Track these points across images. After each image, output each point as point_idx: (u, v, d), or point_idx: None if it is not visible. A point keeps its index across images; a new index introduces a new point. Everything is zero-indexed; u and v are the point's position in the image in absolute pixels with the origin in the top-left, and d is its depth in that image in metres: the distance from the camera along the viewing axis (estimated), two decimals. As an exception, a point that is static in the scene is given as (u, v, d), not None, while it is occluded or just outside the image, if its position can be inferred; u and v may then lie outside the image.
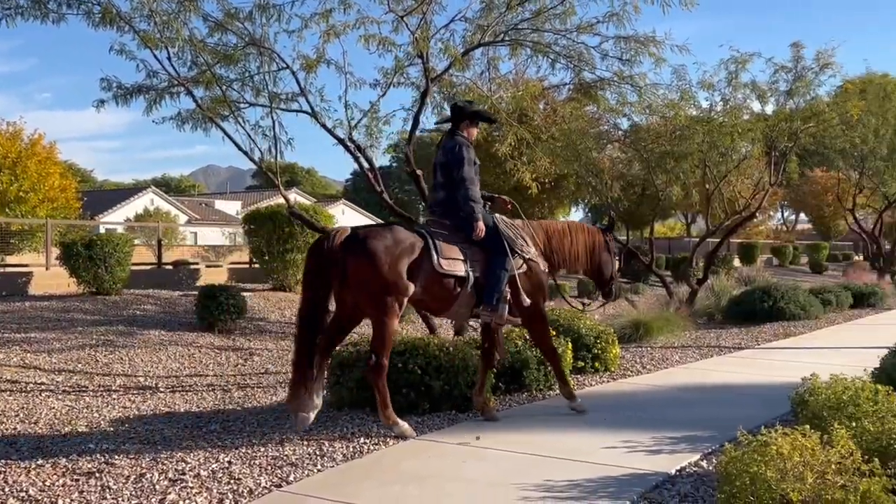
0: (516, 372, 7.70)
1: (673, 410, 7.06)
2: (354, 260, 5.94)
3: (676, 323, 12.64)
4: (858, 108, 16.05)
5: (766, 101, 14.61)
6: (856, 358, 9.31)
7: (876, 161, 25.24)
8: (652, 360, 10.14)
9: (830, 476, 3.82)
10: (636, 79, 10.13)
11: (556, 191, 23.60)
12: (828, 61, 14.26)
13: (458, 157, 6.45)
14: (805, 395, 5.34)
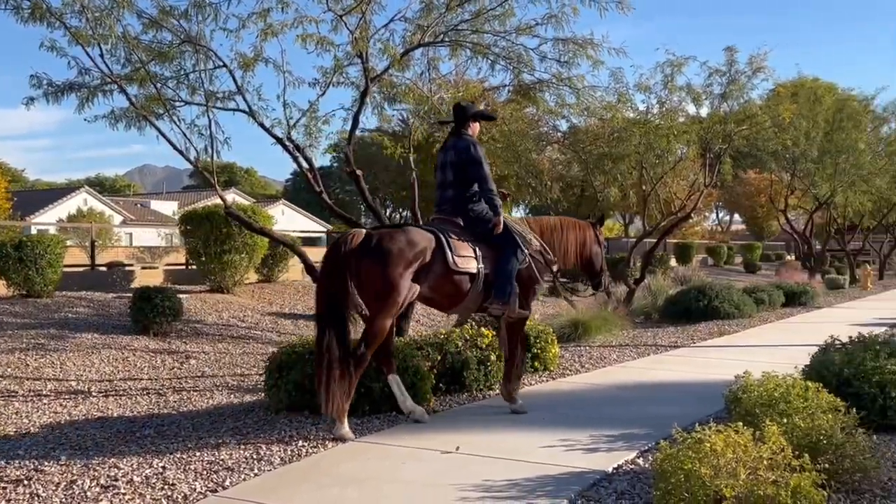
0: (456, 372, 7.71)
1: (611, 409, 7.13)
2: (368, 262, 6.11)
3: (614, 322, 12.80)
4: (790, 111, 16.50)
5: (700, 103, 14.92)
6: (787, 356, 9.55)
7: (807, 163, 25.93)
8: (590, 359, 10.25)
9: (762, 472, 3.90)
10: (574, 81, 10.22)
11: (496, 191, 23.69)
12: (760, 65, 14.62)
13: (474, 156, 6.72)
14: (738, 393, 5.44)
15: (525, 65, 10.04)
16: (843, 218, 33.34)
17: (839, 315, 16.82)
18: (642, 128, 13.92)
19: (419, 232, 6.39)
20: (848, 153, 25.57)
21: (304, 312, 14.46)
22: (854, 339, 7.01)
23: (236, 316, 13.49)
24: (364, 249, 6.14)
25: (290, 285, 16.41)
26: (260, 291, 15.52)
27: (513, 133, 15.75)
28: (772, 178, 32.97)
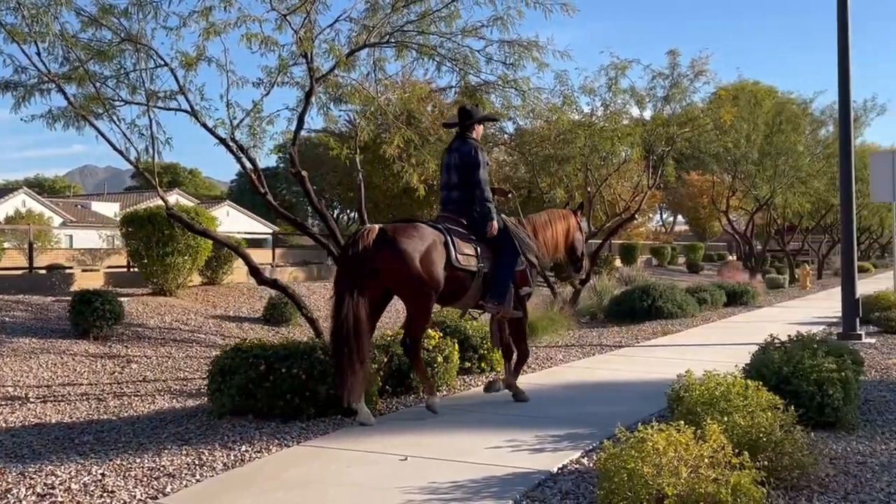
0: (403, 374, 7.68)
1: (557, 408, 7.19)
2: (386, 256, 6.49)
3: (561, 322, 12.89)
4: (731, 114, 16.80)
5: (644, 106, 15.13)
6: (729, 354, 9.73)
7: (747, 165, 26.47)
8: (537, 360, 10.29)
9: (703, 470, 3.95)
10: (520, 83, 10.26)
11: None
12: (702, 69, 14.86)
13: (475, 160, 7.12)
14: (680, 392, 5.52)
15: (471, 66, 10.05)
16: (783, 219, 34.10)
17: (779, 314, 17.20)
18: (587, 130, 14.05)
19: (429, 228, 6.80)
20: (787, 155, 26.20)
21: (249, 315, 14.28)
22: (793, 338, 7.17)
23: (179, 319, 13.27)
24: (381, 245, 6.51)
25: (235, 288, 16.20)
26: (204, 294, 15.29)
27: (460, 134, 15.76)
28: (714, 180, 33.59)
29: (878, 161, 16.22)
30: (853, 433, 6.03)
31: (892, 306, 13.01)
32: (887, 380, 8.56)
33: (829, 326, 14.01)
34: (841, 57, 12.44)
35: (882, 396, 7.57)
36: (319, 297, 16.80)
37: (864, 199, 29.58)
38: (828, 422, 6.06)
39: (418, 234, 6.66)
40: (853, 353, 6.91)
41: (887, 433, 6.10)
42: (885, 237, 50.11)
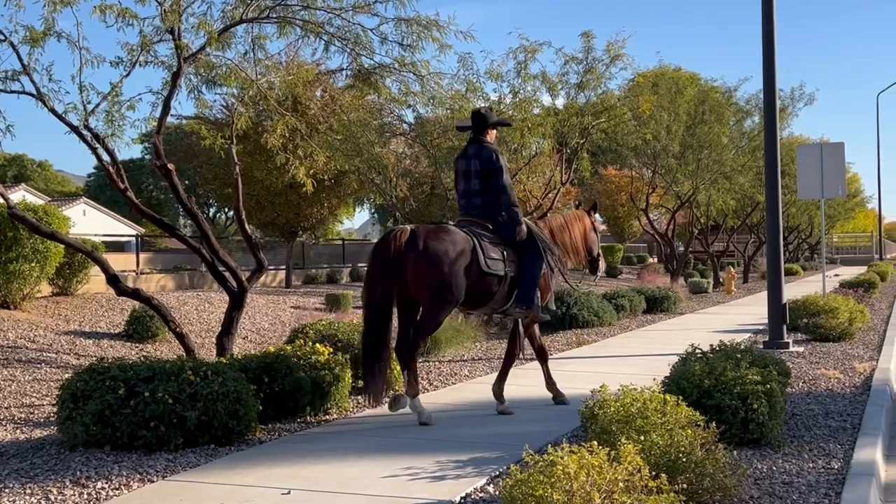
0: (287, 395, 7.58)
1: (461, 430, 7.23)
2: (418, 259, 7.15)
3: (467, 334, 12.94)
4: (650, 102, 17.26)
5: (556, 93, 15.34)
6: (648, 367, 9.98)
7: (668, 158, 27.17)
8: (440, 376, 10.33)
9: (618, 495, 4.03)
10: (419, 66, 10.28)
11: (336, 189, 23.57)
12: (618, 53, 15.17)
13: (498, 166, 7.77)
14: (594, 409, 5.62)
15: (364, 47, 10.01)
16: (707, 217, 35.15)
17: (702, 321, 17.76)
18: (495, 119, 14.15)
19: (459, 232, 7.47)
20: (710, 148, 27.02)
21: (108, 330, 13.85)
22: (715, 347, 7.40)
23: (25, 336, 12.76)
24: (412, 247, 7.17)
25: (92, 299, 15.69)
26: (55, 306, 14.75)
27: (353, 123, 15.69)
28: (632, 175, 34.32)
29: (805, 154, 16.95)
30: (779, 450, 6.26)
31: (821, 312, 13.52)
32: (816, 391, 8.93)
33: (755, 334, 14.55)
34: (766, 41, 12.92)
35: (810, 410, 7.89)
36: (192, 308, 16.47)
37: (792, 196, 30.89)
38: (752, 439, 6.28)
39: (450, 238, 7.33)
40: (779, 364, 7.18)
41: (815, 450, 6.36)
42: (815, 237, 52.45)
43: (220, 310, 14.81)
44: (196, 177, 32.28)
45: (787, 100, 30.00)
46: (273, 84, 11.26)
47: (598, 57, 15.17)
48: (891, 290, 26.78)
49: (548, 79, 14.96)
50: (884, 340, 13.22)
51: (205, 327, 15.04)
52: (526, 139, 14.53)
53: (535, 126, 14.36)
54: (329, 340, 8.86)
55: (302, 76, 11.49)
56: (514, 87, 14.59)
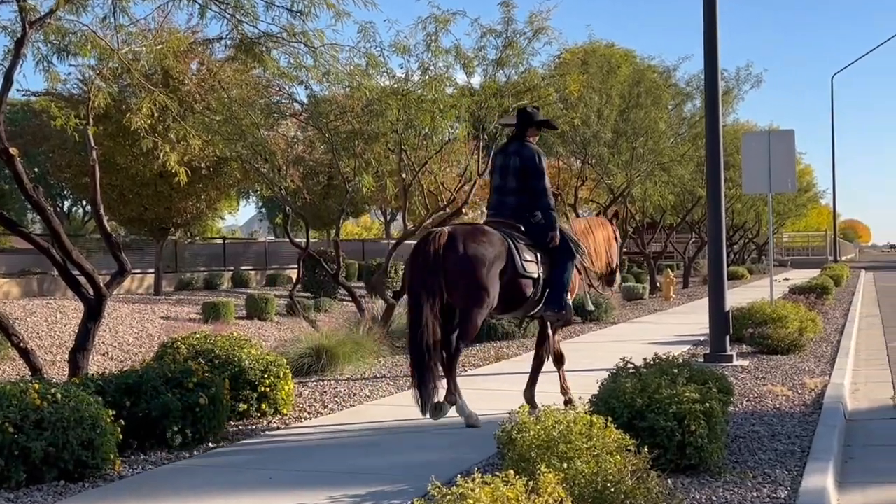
0: (154, 422, 7.43)
1: (360, 459, 7.21)
2: (461, 262, 7.93)
3: (369, 347, 12.91)
4: (579, 82, 17.40)
5: (472, 71, 15.32)
6: (575, 383, 10.04)
7: (599, 147, 27.47)
8: (336, 397, 10.29)
9: (536, 532, 4.05)
10: (311, 36, 10.19)
11: (215, 179, 23.26)
12: (542, 26, 15.20)
13: (539, 167, 8.66)
14: (512, 433, 5.64)
15: (246, 13, 9.88)
16: (643, 214, 35.74)
17: (636, 332, 18.05)
18: (400, 100, 14.09)
19: (496, 234, 8.26)
20: (646, 135, 27.42)
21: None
22: (650, 361, 7.51)
23: None
24: (452, 249, 7.93)
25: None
26: None
27: (235, 102, 15.47)
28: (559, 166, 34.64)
29: (751, 143, 17.34)
30: (720, 478, 6.38)
31: (768, 321, 13.82)
32: (761, 411, 9.15)
33: (695, 346, 14.85)
34: (707, 12, 13.18)
35: (755, 431, 8.08)
36: (41, 318, 16.06)
37: (737, 190, 31.64)
38: (690, 464, 6.38)
39: (487, 240, 8.14)
40: (720, 380, 7.30)
41: (760, 477, 6.49)
42: (763, 236, 53.80)
43: (75, 321, 14.46)
44: (47, 163, 31.47)
45: (731, 81, 30.63)
46: (138, 54, 11.03)
47: (519, 30, 15.19)
48: (846, 295, 27.65)
49: (462, 54, 14.94)
50: (837, 353, 13.61)
51: (56, 342, 14.68)
52: (437, 123, 14.48)
53: (447, 108, 14.32)
54: (204, 357, 8.73)
55: (173, 45, 11.24)
56: (424, 62, 14.54)
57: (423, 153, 16.29)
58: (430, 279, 7.97)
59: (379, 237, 58.84)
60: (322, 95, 15.43)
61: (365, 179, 15.42)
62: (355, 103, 14.65)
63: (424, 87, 14.33)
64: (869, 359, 14.25)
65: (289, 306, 20.80)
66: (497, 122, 11.57)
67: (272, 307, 20.97)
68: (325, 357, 12.01)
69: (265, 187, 19.13)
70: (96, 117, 10.81)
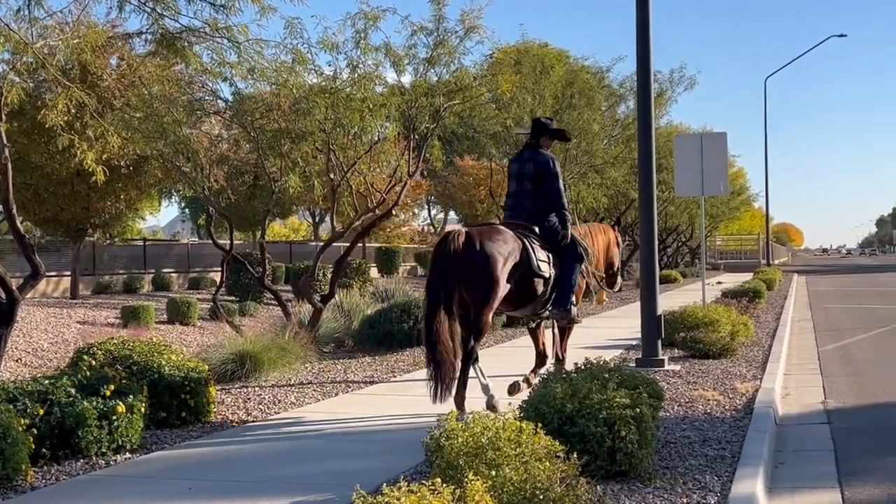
0: (67, 431, 7.31)
1: (283, 468, 7.17)
2: (475, 259, 8.48)
3: (295, 353, 12.83)
4: (511, 82, 17.46)
5: (402, 69, 15.30)
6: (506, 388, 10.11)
7: (532, 148, 27.68)
8: (261, 404, 10.21)
9: (463, 541, 4.05)
10: (235, 31, 10.12)
11: (135, 178, 22.91)
12: (474, 24, 15.24)
13: (553, 171, 9.47)
14: (441, 440, 5.64)
15: (167, 6, 9.77)
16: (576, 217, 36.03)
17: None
18: (329, 98, 14.03)
19: (512, 234, 8.87)
20: (580, 137, 27.66)
21: None
22: (580, 365, 7.56)
23: None
24: (471, 248, 8.51)
25: None
26: None
27: (156, 98, 15.25)
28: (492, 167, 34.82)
29: (684, 145, 17.58)
30: (650, 484, 6.45)
31: (700, 325, 14.00)
32: (693, 415, 9.27)
33: (627, 350, 15.00)
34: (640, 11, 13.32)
35: (686, 437, 8.18)
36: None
37: (671, 193, 32.08)
38: (620, 470, 6.44)
39: (501, 237, 8.74)
40: (650, 385, 7.38)
41: (690, 483, 6.58)
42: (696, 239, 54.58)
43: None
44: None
45: (665, 83, 31.13)
46: (55, 49, 10.86)
47: (450, 28, 15.20)
48: (778, 299, 28.15)
49: (392, 51, 14.92)
50: (769, 357, 13.84)
51: (-33, 348, 14.34)
52: (366, 122, 14.46)
53: (377, 107, 14.31)
54: (122, 363, 8.63)
55: (91, 40, 11.05)
56: (353, 59, 14.49)
57: (352, 153, 16.24)
58: (449, 275, 8.54)
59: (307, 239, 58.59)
60: (247, 93, 15.28)
61: (292, 180, 15.35)
62: (282, 101, 14.56)
63: (353, 86, 14.29)
64: (800, 363, 14.52)
65: (212, 310, 20.58)
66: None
67: (195, 311, 20.74)
68: (250, 363, 11.91)
69: (187, 187, 18.94)
70: (9, 113, 10.61)
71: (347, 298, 18.37)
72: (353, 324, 16.65)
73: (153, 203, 41.21)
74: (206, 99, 16.85)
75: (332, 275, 17.87)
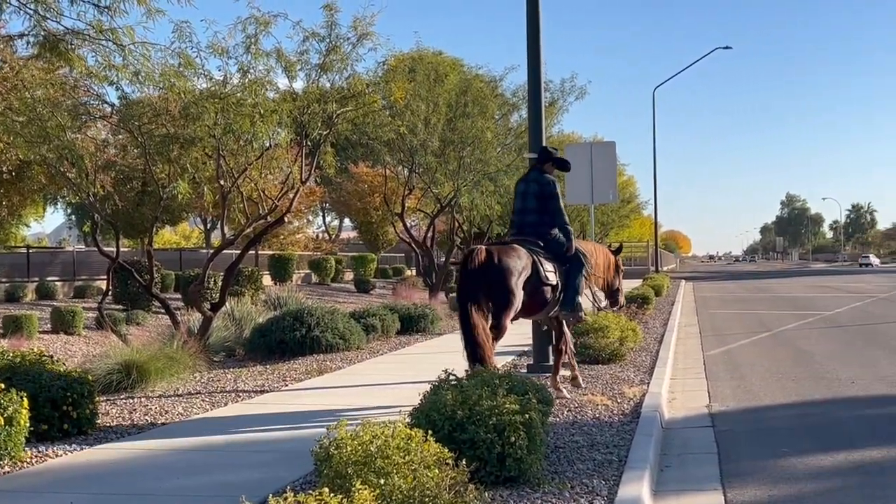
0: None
1: (169, 480, 7.05)
2: (495, 273, 9.65)
3: (183, 362, 12.64)
4: (404, 90, 17.53)
5: (294, 75, 15.17)
6: (399, 396, 10.14)
7: (427, 156, 27.77)
8: (147, 415, 10.03)
9: (350, 551, 4.02)
10: (120, 34, 9.91)
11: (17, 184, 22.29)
12: (367, 31, 15.24)
13: (554, 191, 10.75)
14: (330, 449, 5.59)
15: (49, 7, 9.53)
16: (470, 224, 36.21)
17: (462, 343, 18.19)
18: (218, 103, 13.85)
19: (524, 250, 10.05)
20: (473, 145, 27.87)
21: None
22: (471, 372, 7.58)
23: None
24: (491, 263, 9.67)
25: None
26: None
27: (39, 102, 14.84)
28: (387, 174, 34.80)
29: (574, 154, 17.84)
30: (539, 489, 6.50)
31: (589, 331, 14.18)
32: (581, 420, 9.38)
33: (519, 357, 15.12)
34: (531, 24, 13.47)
35: (575, 441, 8.27)
36: None
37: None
38: (510, 476, 6.47)
39: (516, 254, 9.93)
40: (540, 390, 7.45)
41: (578, 487, 6.65)
42: (587, 247, 55.29)
43: None
44: None
45: (556, 92, 31.57)
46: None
47: (343, 34, 15.15)
48: (666, 305, 28.71)
49: (284, 57, 14.81)
50: (656, 362, 14.09)
51: None
52: (257, 128, 14.30)
53: (268, 112, 14.18)
54: (1, 374, 8.37)
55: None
56: (244, 64, 14.33)
57: (243, 159, 16.03)
58: (474, 286, 9.62)
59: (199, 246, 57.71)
60: (135, 97, 14.99)
61: (181, 186, 15.11)
62: (171, 106, 14.30)
63: (244, 91, 14.14)
64: (686, 367, 14.81)
65: (98, 319, 20.12)
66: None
67: (80, 320, 20.27)
68: (136, 373, 11.67)
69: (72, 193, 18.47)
70: None
71: (239, 306, 18.16)
72: (245, 332, 16.48)
73: (37, 209, 40.06)
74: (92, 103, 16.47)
75: (222, 282, 17.62)
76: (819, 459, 8.21)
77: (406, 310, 20.51)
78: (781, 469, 7.92)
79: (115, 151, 19.76)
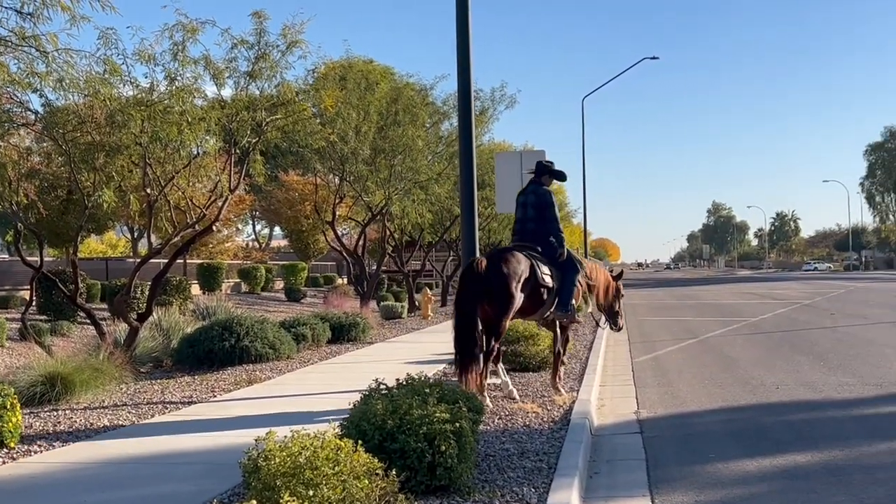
0: None
1: (95, 495, 6.95)
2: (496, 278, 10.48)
3: (109, 373, 12.45)
4: (334, 97, 17.46)
5: (223, 82, 15.03)
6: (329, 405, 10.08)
7: (358, 164, 27.69)
8: (71, 428, 9.86)
9: (278, 563, 3.98)
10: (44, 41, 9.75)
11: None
12: (296, 39, 15.15)
13: (551, 202, 11.71)
14: (258, 460, 5.54)
15: (-31, 13, 9.34)
16: (401, 232, 36.22)
17: (394, 351, 18.22)
18: (145, 110, 13.66)
19: (523, 256, 10.89)
20: (404, 153, 27.86)
21: None
22: (402, 381, 7.57)
23: None
24: (492, 270, 10.52)
25: None
26: None
27: (-43, 110, 14.53)
28: (317, 182, 34.67)
29: (504, 163, 17.91)
30: (469, 497, 6.51)
31: (520, 338, 14.24)
32: (512, 428, 9.41)
33: (450, 365, 15.09)
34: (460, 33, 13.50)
35: (505, 449, 8.30)
36: None
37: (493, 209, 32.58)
38: (440, 485, 6.48)
39: (515, 260, 10.73)
40: (470, 399, 7.46)
41: (508, 495, 6.67)
42: (518, 255, 55.57)
43: None
44: None
45: (487, 101, 31.61)
46: None
47: (272, 42, 15.04)
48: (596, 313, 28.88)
49: (212, 64, 14.65)
50: (586, 369, 14.21)
51: None
52: (185, 136, 14.12)
53: (196, 120, 14.02)
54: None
55: None
56: (171, 71, 14.14)
57: (170, 167, 15.85)
58: (474, 291, 10.43)
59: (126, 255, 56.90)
60: (59, 104, 14.73)
61: (106, 194, 14.87)
62: (96, 113, 14.07)
63: (171, 98, 13.95)
64: (616, 374, 14.95)
65: (21, 331, 19.72)
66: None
67: (2, 332, 19.82)
68: (60, 385, 11.47)
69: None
70: None
71: (166, 316, 17.93)
72: (173, 342, 16.27)
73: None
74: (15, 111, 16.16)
75: (149, 292, 17.37)
76: (745, 464, 8.34)
77: (337, 318, 20.44)
78: (708, 474, 8.03)
79: (40, 159, 19.41)
